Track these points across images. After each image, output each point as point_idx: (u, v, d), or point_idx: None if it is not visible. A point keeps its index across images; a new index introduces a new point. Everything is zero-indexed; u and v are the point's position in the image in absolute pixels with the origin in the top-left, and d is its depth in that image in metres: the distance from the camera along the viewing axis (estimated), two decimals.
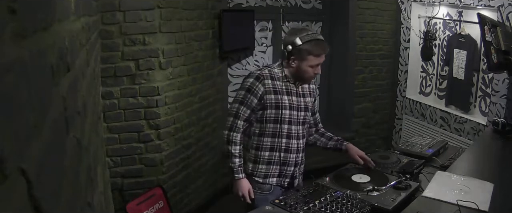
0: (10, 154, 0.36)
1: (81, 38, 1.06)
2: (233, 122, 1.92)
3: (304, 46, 1.87)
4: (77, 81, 0.89)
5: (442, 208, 1.57)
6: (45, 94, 0.52)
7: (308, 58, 1.88)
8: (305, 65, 1.90)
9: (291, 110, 1.96)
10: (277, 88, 1.93)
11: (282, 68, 1.97)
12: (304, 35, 1.87)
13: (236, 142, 1.91)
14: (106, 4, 2.50)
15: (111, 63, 2.60)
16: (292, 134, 1.99)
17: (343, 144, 2.15)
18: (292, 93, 1.98)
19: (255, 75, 1.92)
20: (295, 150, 2.01)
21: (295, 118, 1.98)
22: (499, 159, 2.26)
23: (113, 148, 2.69)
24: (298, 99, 2.00)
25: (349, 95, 4.17)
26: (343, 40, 4.08)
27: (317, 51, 1.88)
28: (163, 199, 2.81)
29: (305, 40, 1.87)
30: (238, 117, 1.91)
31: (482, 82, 3.45)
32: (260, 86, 1.89)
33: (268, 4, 3.91)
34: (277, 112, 1.93)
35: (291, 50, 1.89)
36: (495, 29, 2.52)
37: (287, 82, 1.97)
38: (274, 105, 1.92)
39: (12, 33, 0.38)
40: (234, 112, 1.92)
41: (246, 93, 1.90)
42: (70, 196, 0.65)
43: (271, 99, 1.91)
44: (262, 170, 1.98)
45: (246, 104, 1.90)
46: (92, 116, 1.25)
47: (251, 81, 1.91)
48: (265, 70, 1.95)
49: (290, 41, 1.89)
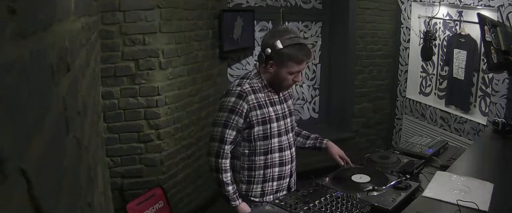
0: (10, 154, 0.36)
1: (81, 38, 1.07)
2: (219, 147, 1.74)
3: (285, 50, 1.69)
4: (77, 81, 0.89)
5: (442, 208, 1.57)
6: (45, 94, 0.52)
7: (288, 64, 1.72)
8: (284, 71, 1.73)
9: (279, 121, 1.83)
10: (260, 101, 1.78)
11: (260, 77, 1.81)
12: (286, 38, 1.70)
13: (226, 169, 1.76)
14: (106, 4, 2.50)
15: (111, 63, 2.60)
16: (283, 146, 1.87)
17: (322, 143, 2.05)
18: (275, 102, 1.84)
19: (237, 93, 1.74)
20: (290, 161, 1.91)
21: (284, 128, 1.87)
22: (499, 159, 2.26)
23: (113, 148, 2.69)
24: (281, 106, 1.87)
25: (349, 95, 4.17)
26: (343, 40, 4.08)
27: (299, 56, 1.71)
28: (163, 199, 2.81)
29: (286, 44, 1.69)
30: (224, 142, 1.74)
31: (482, 82, 3.46)
32: (244, 104, 1.73)
33: (268, 4, 3.91)
34: (266, 127, 1.79)
35: (270, 54, 1.72)
36: (495, 29, 2.52)
37: (268, 92, 1.82)
38: (261, 121, 1.78)
39: (12, 33, 0.38)
40: (218, 137, 1.74)
41: (229, 114, 1.73)
42: (70, 196, 0.65)
43: (257, 115, 1.76)
44: (258, 189, 1.86)
45: (231, 126, 1.73)
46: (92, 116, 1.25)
47: (233, 101, 1.73)
48: (245, 84, 1.76)
49: (270, 43, 1.72)
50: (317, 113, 4.45)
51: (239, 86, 1.76)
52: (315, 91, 4.41)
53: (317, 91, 4.41)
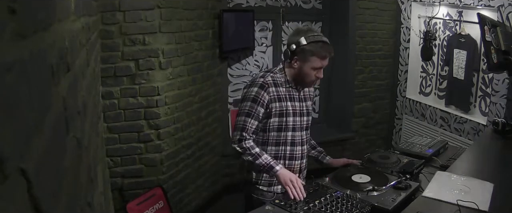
0: (10, 154, 0.36)
1: (81, 38, 1.07)
2: (241, 135, 1.82)
3: (309, 46, 1.80)
4: (77, 81, 0.89)
5: (442, 208, 1.57)
6: (45, 94, 0.52)
7: (311, 59, 1.81)
8: (307, 67, 1.82)
9: (295, 117, 1.91)
10: (281, 94, 1.87)
11: (284, 73, 1.90)
12: (309, 36, 1.81)
13: (251, 146, 1.81)
14: (106, 4, 2.50)
15: (111, 63, 2.60)
16: (296, 141, 1.94)
17: (325, 158, 2.13)
18: (294, 98, 1.92)
19: (259, 84, 1.83)
20: (300, 157, 1.97)
21: (299, 124, 1.93)
22: (499, 159, 2.26)
23: (113, 148, 2.69)
24: (300, 104, 1.95)
25: (349, 95, 4.17)
26: (343, 40, 4.08)
27: (322, 52, 1.81)
28: (163, 199, 2.81)
29: (310, 40, 1.80)
30: (245, 130, 1.82)
31: (482, 82, 3.45)
32: (266, 94, 1.82)
33: (268, 4, 3.91)
34: (281, 120, 1.87)
35: (295, 50, 1.82)
36: (495, 29, 2.52)
37: (289, 87, 1.90)
38: (278, 113, 1.86)
39: (12, 33, 0.38)
40: (241, 126, 1.82)
41: (252, 104, 1.81)
42: (70, 196, 0.65)
43: (276, 107, 1.85)
44: (266, 178, 1.92)
45: (253, 116, 1.82)
46: (92, 116, 1.25)
47: (256, 90, 1.82)
48: (268, 77, 1.86)
49: (295, 40, 1.82)
50: (317, 113, 4.45)
51: (262, 77, 1.86)
52: (315, 91, 4.41)
53: (317, 91, 4.41)
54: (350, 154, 4.12)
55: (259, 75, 1.90)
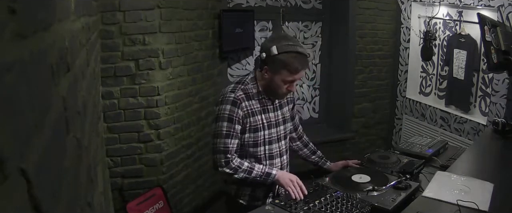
0: (10, 154, 0.36)
1: (81, 38, 1.07)
2: (225, 158, 1.70)
3: (280, 56, 1.63)
4: (77, 81, 0.89)
5: (442, 208, 1.57)
6: (45, 94, 0.52)
7: (281, 72, 1.66)
8: (278, 78, 1.68)
9: (270, 129, 1.80)
10: (253, 108, 1.75)
11: (256, 82, 1.77)
12: (283, 45, 1.64)
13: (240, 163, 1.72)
14: (106, 4, 2.50)
15: (111, 63, 2.60)
16: (274, 154, 1.84)
17: (326, 164, 2.08)
18: (268, 110, 1.80)
19: (231, 100, 1.69)
20: (280, 168, 1.87)
21: (275, 136, 1.83)
22: (499, 159, 2.26)
23: (113, 148, 2.69)
24: (275, 114, 1.83)
25: (349, 95, 4.17)
26: (343, 40, 4.08)
27: (293, 65, 1.64)
28: (163, 199, 2.81)
29: (282, 50, 1.63)
30: (229, 152, 1.70)
31: (482, 82, 3.45)
32: (239, 111, 1.70)
33: (268, 4, 3.91)
34: (256, 135, 1.76)
35: (265, 59, 1.67)
36: (495, 29, 2.52)
37: (262, 98, 1.78)
38: (253, 128, 1.75)
39: (12, 33, 0.38)
40: (222, 149, 1.70)
41: (229, 124, 1.69)
42: (70, 196, 0.65)
43: (250, 122, 1.74)
44: (247, 192, 1.83)
45: (233, 136, 1.70)
46: (92, 116, 1.25)
47: (229, 109, 1.69)
48: (239, 91, 1.72)
49: (266, 48, 1.67)
50: (317, 113, 4.45)
51: (233, 92, 1.72)
52: (315, 91, 4.41)
53: (317, 91, 4.41)
54: (350, 154, 4.12)
55: (228, 89, 1.75)
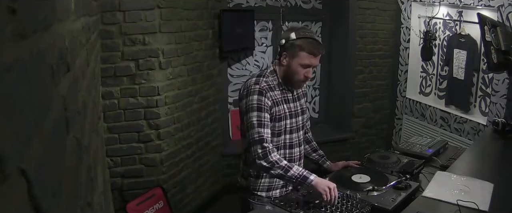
0: (10, 154, 0.36)
1: (81, 38, 1.07)
2: (263, 148, 1.72)
3: (297, 41, 1.76)
4: (77, 81, 0.89)
5: (442, 208, 1.57)
6: (45, 94, 0.52)
7: (299, 54, 1.77)
8: (296, 63, 1.78)
9: (291, 118, 1.88)
10: (277, 98, 1.83)
11: (276, 75, 1.86)
12: (300, 32, 1.79)
13: (278, 159, 1.72)
14: (106, 4, 2.50)
15: (111, 63, 2.60)
16: (293, 143, 1.91)
17: (326, 163, 2.11)
18: (289, 100, 1.89)
19: (257, 91, 1.76)
20: (298, 158, 1.94)
21: (295, 126, 1.91)
22: (499, 159, 2.26)
23: (113, 148, 2.69)
24: (295, 104, 1.91)
25: (349, 95, 4.17)
26: (343, 40, 4.08)
27: (309, 48, 1.76)
28: (163, 199, 2.81)
29: (300, 36, 1.77)
30: (265, 141, 1.73)
31: (482, 82, 3.45)
32: (266, 100, 1.77)
33: (268, 4, 3.91)
34: (280, 124, 1.83)
35: (284, 45, 1.80)
36: (495, 29, 2.52)
37: (283, 89, 1.87)
38: (277, 118, 1.82)
39: (12, 33, 0.38)
40: (257, 138, 1.73)
41: (259, 113, 1.74)
42: (70, 196, 0.65)
43: (275, 112, 1.81)
44: (265, 184, 1.89)
45: (265, 125, 1.75)
46: (92, 116, 1.25)
47: (256, 98, 1.75)
48: (262, 82, 1.80)
49: (286, 36, 1.82)
50: (317, 113, 4.45)
51: (257, 84, 1.79)
52: (315, 91, 4.41)
53: (317, 91, 4.41)
54: (350, 154, 4.12)
55: (252, 82, 1.81)
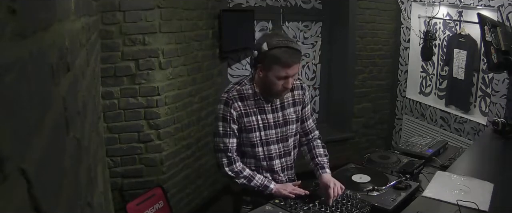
0: (10, 154, 0.36)
1: (81, 38, 1.07)
2: (226, 157, 1.75)
3: (271, 52, 1.62)
4: (77, 81, 0.89)
5: (442, 208, 1.57)
6: (45, 94, 0.52)
7: (273, 67, 1.63)
8: (271, 75, 1.65)
9: (266, 131, 1.77)
10: (247, 109, 1.74)
11: (253, 83, 1.76)
12: (273, 40, 1.63)
13: (242, 168, 1.75)
14: (106, 4, 2.50)
15: (111, 63, 2.60)
16: (272, 155, 1.81)
17: (317, 173, 1.83)
18: (265, 111, 1.77)
19: (224, 100, 1.72)
20: (280, 170, 1.85)
21: (274, 137, 1.80)
22: (499, 159, 2.26)
23: (113, 148, 2.69)
24: (274, 115, 1.78)
25: (349, 95, 4.17)
26: (343, 40, 4.08)
27: (283, 59, 1.61)
28: (163, 199, 2.81)
29: (272, 46, 1.62)
30: (229, 151, 1.74)
31: (482, 82, 3.45)
32: (232, 110, 1.71)
33: (268, 4, 3.91)
34: (251, 136, 1.76)
35: (257, 57, 1.66)
36: (495, 29, 2.52)
37: (259, 99, 1.75)
38: (247, 129, 1.75)
39: (12, 33, 0.38)
40: (222, 148, 1.75)
41: (224, 123, 1.73)
42: (70, 196, 0.65)
43: (244, 123, 1.74)
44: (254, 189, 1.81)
45: (230, 135, 1.73)
46: (92, 116, 1.26)
47: (222, 108, 1.73)
48: (233, 91, 1.73)
49: (258, 47, 1.67)
50: (317, 113, 4.45)
51: (227, 92, 1.74)
52: (315, 91, 4.41)
53: (317, 91, 4.41)
54: (350, 154, 4.12)
55: (225, 90, 1.78)
